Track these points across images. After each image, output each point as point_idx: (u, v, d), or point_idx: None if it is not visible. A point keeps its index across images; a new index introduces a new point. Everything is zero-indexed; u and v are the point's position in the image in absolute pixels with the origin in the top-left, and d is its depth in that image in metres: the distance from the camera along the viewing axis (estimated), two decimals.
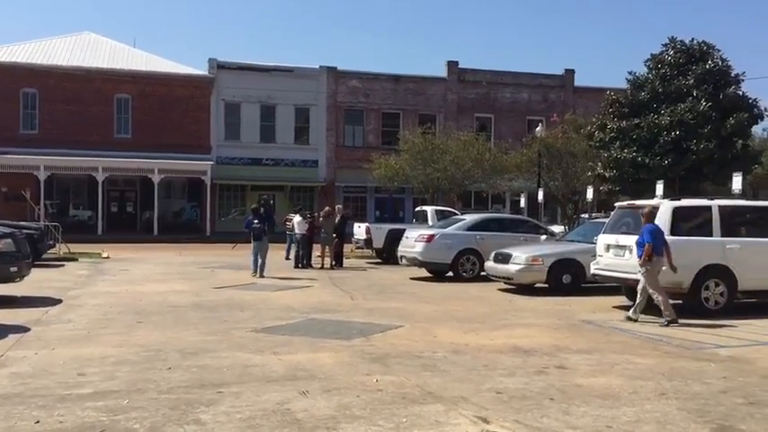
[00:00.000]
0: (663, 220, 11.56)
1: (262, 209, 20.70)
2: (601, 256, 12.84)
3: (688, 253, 11.50)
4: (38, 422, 5.54)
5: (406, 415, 5.83)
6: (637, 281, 11.49)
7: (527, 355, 8.30)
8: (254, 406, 6.02)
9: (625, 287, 12.95)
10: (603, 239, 12.76)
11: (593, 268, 13.06)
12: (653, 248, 10.68)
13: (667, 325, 10.50)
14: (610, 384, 6.93)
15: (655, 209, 11.66)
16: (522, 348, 8.71)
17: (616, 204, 13.57)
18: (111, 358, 7.89)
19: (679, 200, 12.25)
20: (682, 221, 11.79)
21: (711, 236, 11.72)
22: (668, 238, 11.39)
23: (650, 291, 10.86)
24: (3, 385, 6.64)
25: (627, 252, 12.00)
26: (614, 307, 12.76)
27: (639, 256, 10.85)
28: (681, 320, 10.86)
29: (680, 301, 12.16)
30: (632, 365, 7.82)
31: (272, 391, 6.54)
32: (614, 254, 12.40)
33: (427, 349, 8.59)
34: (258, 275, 17.50)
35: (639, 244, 10.94)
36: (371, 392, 6.52)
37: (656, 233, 10.86)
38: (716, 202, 12.05)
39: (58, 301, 12.69)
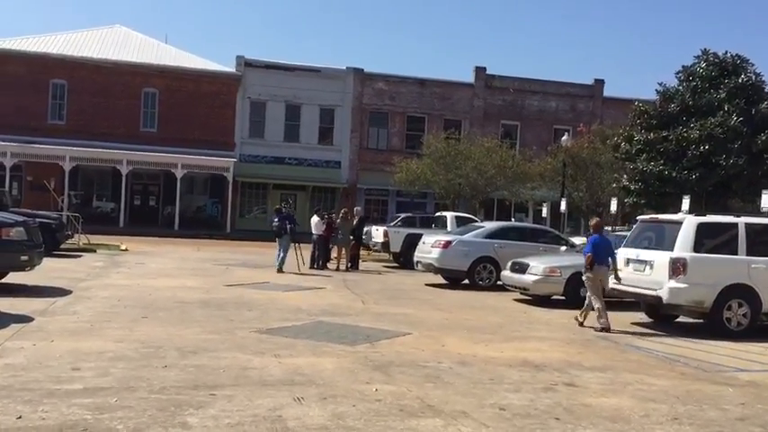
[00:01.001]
0: (687, 235, 11.16)
1: (283, 209, 20.97)
2: (620, 270, 12.43)
3: (711, 271, 11.11)
4: (20, 417, 5.36)
5: (402, 429, 5.57)
6: (658, 297, 11.13)
7: (536, 370, 7.99)
8: (244, 411, 5.79)
9: (644, 303, 12.56)
10: (624, 253, 12.35)
11: (612, 282, 12.65)
12: (593, 258, 11.47)
13: (600, 330, 11.09)
14: (620, 405, 6.60)
15: (601, 221, 12.60)
16: (532, 363, 8.39)
17: (638, 218, 13.18)
18: (108, 353, 7.73)
19: (704, 215, 11.83)
20: (706, 238, 11.38)
21: (736, 254, 11.28)
22: (690, 254, 11.04)
23: (591, 297, 11.55)
24: None
25: (647, 267, 11.61)
26: (632, 323, 12.36)
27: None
28: (701, 341, 10.51)
29: (701, 321, 11.81)
30: (646, 386, 7.47)
31: (266, 395, 6.31)
32: (634, 268, 12.00)
33: (433, 359, 8.32)
34: (277, 270, 18.38)
35: (585, 253, 11.76)
36: (369, 402, 6.26)
37: (598, 244, 11.59)
38: (742, 220, 11.62)
39: (68, 292, 12.61)
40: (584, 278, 11.86)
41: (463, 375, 7.54)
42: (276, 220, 19.72)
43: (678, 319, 12.61)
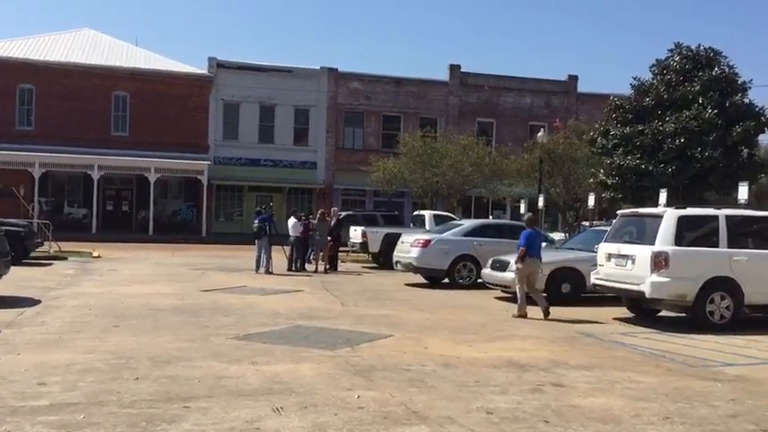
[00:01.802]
0: (668, 228, 11.06)
1: (263, 210, 20.92)
2: (602, 265, 12.32)
3: (693, 264, 11.02)
4: None
5: None
6: (640, 292, 11.03)
7: (522, 371, 7.79)
8: (220, 424, 5.51)
9: (626, 298, 12.45)
10: (605, 248, 12.24)
11: (594, 278, 12.55)
12: (526, 251, 12.16)
13: (517, 317, 11.94)
14: (610, 405, 6.42)
15: (534, 216, 13.53)
16: (517, 363, 8.20)
17: (618, 212, 13.05)
18: (77, 366, 7.40)
19: (684, 208, 11.73)
20: (686, 231, 11.28)
21: (717, 247, 11.20)
22: (672, 248, 10.94)
23: (516, 285, 12.40)
24: None
25: (629, 262, 11.49)
26: (614, 319, 12.25)
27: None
28: (685, 335, 10.42)
29: (683, 314, 11.72)
30: (634, 384, 7.30)
31: (243, 406, 6.03)
32: (616, 263, 11.88)
33: (416, 362, 8.08)
34: (265, 271, 18.72)
35: (519, 246, 12.43)
36: (351, 410, 6.01)
37: (531, 238, 12.30)
38: (723, 212, 11.54)
39: (37, 302, 12.21)
40: (515, 268, 12.62)
41: (447, 378, 7.32)
42: (257, 221, 19.77)
43: (660, 314, 12.52)
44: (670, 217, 11.19)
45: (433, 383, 7.08)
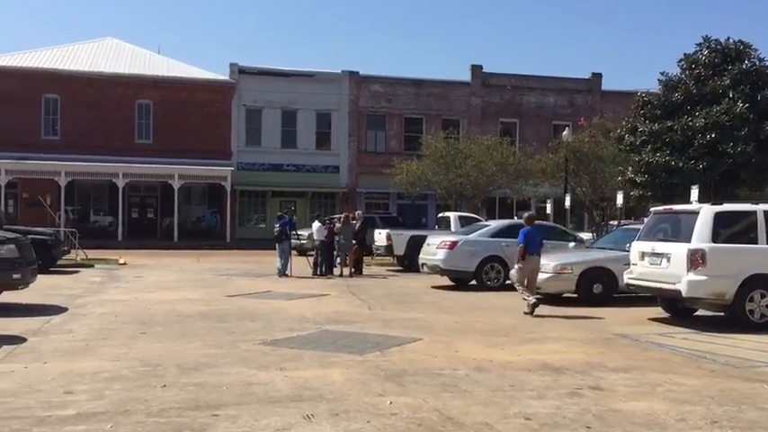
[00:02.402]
0: (704, 225, 10.72)
1: (285, 214, 21.13)
2: (635, 264, 12.00)
3: (731, 262, 10.67)
4: None
5: None
6: (677, 291, 10.71)
7: (558, 374, 7.54)
8: None
9: (661, 298, 12.11)
10: (638, 247, 11.92)
11: (627, 278, 12.22)
12: (525, 249, 12.33)
13: (533, 308, 12.04)
14: (653, 409, 6.15)
15: (533, 214, 13.71)
16: (552, 365, 7.94)
17: (651, 209, 12.71)
18: (104, 374, 7.29)
19: (721, 204, 11.38)
20: (723, 227, 10.93)
21: (756, 243, 10.82)
22: (709, 245, 10.62)
23: (516, 283, 12.67)
24: None
25: (664, 260, 11.16)
26: (649, 319, 11.91)
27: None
28: (724, 335, 10.08)
29: (721, 313, 11.37)
30: (676, 387, 7.02)
31: (273, 414, 5.86)
32: (650, 262, 11.55)
33: (448, 366, 7.87)
34: (279, 274, 18.96)
35: (518, 244, 12.58)
36: (384, 417, 5.81)
37: (530, 236, 12.46)
38: (761, 207, 11.14)
39: (64, 310, 12.18)
40: (516, 266, 12.83)
41: (481, 383, 7.09)
42: (278, 225, 20.00)
43: (697, 313, 12.16)
44: (706, 213, 10.85)
45: (467, 388, 6.86)
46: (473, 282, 16.96)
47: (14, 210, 35.08)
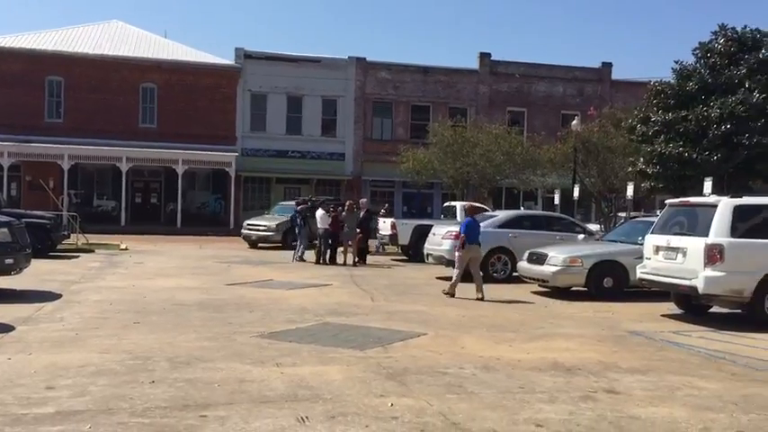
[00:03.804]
0: (723, 219, 10.27)
1: (306, 203, 22.04)
2: (649, 258, 11.56)
3: (750, 257, 10.23)
4: None
5: None
6: (693, 287, 10.27)
7: (570, 374, 7.13)
8: None
9: (674, 293, 11.67)
10: (652, 240, 11.46)
11: (640, 272, 11.79)
12: (466, 238, 13.06)
13: (446, 294, 12.98)
14: (673, 417, 5.73)
15: (474, 206, 14.67)
16: (564, 365, 7.53)
17: (667, 202, 12.23)
18: (90, 367, 6.92)
19: (740, 197, 10.91)
20: (743, 222, 10.45)
21: None
22: (727, 240, 10.16)
23: (456, 269, 13.33)
24: None
25: (680, 255, 10.72)
26: (663, 315, 11.49)
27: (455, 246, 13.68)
28: (742, 334, 9.65)
29: (738, 311, 10.93)
30: (696, 391, 6.60)
31: (265, 416, 5.47)
32: (665, 256, 11.11)
33: (453, 364, 7.46)
34: (296, 259, 19.89)
35: (461, 234, 13.38)
36: (384, 421, 5.42)
37: (471, 226, 13.22)
38: None
39: (58, 296, 11.84)
40: (456, 254, 13.56)
41: (489, 383, 6.69)
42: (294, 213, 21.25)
43: (711, 309, 11.72)
44: (725, 206, 10.39)
45: (474, 389, 6.45)
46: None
47: (17, 193, 34.76)
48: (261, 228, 25.72)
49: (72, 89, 36.03)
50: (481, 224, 17.22)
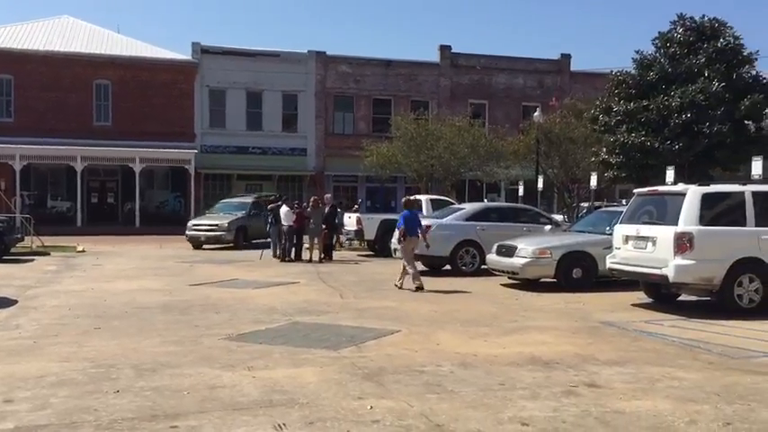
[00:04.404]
0: (691, 207, 10.28)
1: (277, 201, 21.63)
2: (618, 248, 11.54)
3: (718, 245, 10.27)
4: None
5: None
6: (663, 276, 10.28)
7: (548, 369, 7.00)
8: None
9: (644, 282, 11.68)
10: (622, 230, 11.45)
11: (610, 262, 11.77)
12: (406, 230, 13.51)
13: (416, 290, 12.82)
14: (658, 410, 5.63)
15: (411, 199, 14.70)
16: (541, 359, 7.41)
17: (635, 191, 12.23)
18: (50, 377, 6.55)
19: (708, 185, 10.95)
20: (710, 209, 10.49)
21: (745, 226, 10.43)
22: (696, 228, 10.18)
23: (405, 263, 13.42)
24: None
25: (649, 244, 10.72)
26: (633, 305, 11.49)
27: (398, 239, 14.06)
28: (713, 321, 9.68)
29: (707, 298, 10.98)
30: (677, 382, 6.53)
31: (239, 423, 5.21)
32: (634, 246, 11.10)
33: (430, 361, 7.28)
34: (280, 260, 19.55)
35: (398, 227, 13.99)
36: (365, 425, 5.20)
37: (409, 219, 13.61)
38: (749, 188, 10.75)
39: (13, 302, 11.34)
40: (398, 247, 14.31)
41: (468, 381, 6.52)
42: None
43: (680, 298, 11.77)
44: (694, 194, 10.41)
45: (453, 388, 6.27)
46: (447, 267, 16.42)
47: None
48: (210, 227, 23.90)
49: (22, 87, 34.93)
50: (448, 217, 17.29)
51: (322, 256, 19.43)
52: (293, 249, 19.70)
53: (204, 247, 23.55)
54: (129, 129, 35.07)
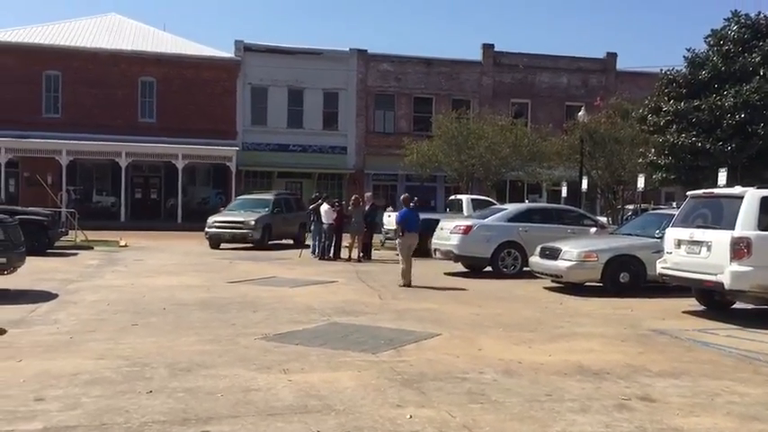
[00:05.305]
0: (749, 211, 9.76)
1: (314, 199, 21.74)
2: (670, 253, 11.04)
3: None
4: None
5: None
6: (718, 283, 9.78)
7: (598, 379, 6.64)
8: None
9: (697, 289, 11.17)
10: (674, 234, 10.95)
11: (660, 267, 11.28)
12: (404, 227, 13.90)
13: (402, 286, 13.35)
14: (719, 428, 5.25)
15: (408, 196, 14.90)
16: (590, 369, 7.05)
17: (688, 193, 11.71)
18: (84, 375, 6.43)
19: (767, 188, 10.39)
20: None
21: None
22: (755, 233, 9.65)
23: (401, 258, 13.80)
24: None
25: (704, 249, 10.21)
26: (684, 312, 11.00)
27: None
28: None
29: (766, 307, 10.44)
30: (738, 397, 6.12)
31: (273, 430, 5.00)
32: (687, 251, 10.60)
33: (472, 368, 6.98)
34: (313, 255, 19.82)
35: (396, 223, 14.43)
36: None
37: (406, 216, 14.04)
38: None
39: (54, 296, 11.37)
40: (396, 242, 14.52)
41: (513, 390, 6.20)
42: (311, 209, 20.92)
43: (735, 306, 11.23)
44: (752, 197, 9.87)
45: (497, 397, 5.97)
46: (488, 268, 16.05)
47: (15, 189, 34.27)
48: (235, 224, 22.37)
49: (70, 84, 35.52)
50: (490, 218, 16.91)
51: (361, 255, 19.23)
52: (332, 248, 19.53)
53: (222, 246, 22.24)
54: (173, 125, 35.39)
